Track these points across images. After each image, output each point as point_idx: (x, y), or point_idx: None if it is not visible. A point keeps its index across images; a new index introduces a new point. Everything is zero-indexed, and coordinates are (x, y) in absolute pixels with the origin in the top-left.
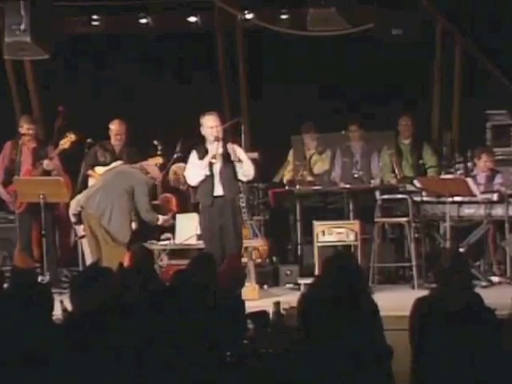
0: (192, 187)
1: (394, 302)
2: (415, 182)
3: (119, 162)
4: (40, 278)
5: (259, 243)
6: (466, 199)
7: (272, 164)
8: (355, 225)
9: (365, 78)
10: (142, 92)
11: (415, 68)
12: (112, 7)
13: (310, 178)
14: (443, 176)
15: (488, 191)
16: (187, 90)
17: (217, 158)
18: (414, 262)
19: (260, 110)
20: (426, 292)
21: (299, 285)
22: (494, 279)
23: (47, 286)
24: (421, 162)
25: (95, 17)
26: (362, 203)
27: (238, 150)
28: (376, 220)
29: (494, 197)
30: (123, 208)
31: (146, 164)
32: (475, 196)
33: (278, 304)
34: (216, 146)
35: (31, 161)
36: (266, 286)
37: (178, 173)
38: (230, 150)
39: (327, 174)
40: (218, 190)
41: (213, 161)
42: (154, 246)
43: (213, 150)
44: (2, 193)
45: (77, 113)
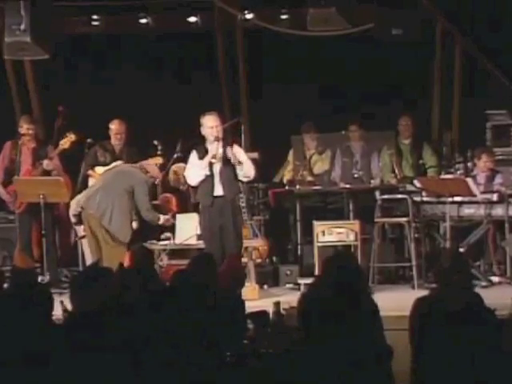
0: (192, 187)
1: (394, 302)
2: (415, 182)
3: (119, 162)
4: (40, 278)
5: (259, 243)
6: (466, 199)
7: (272, 164)
8: (355, 225)
9: (365, 78)
10: (141, 92)
11: (415, 68)
12: (112, 7)
13: (309, 178)
14: (443, 176)
15: (488, 191)
16: (187, 90)
17: (217, 158)
18: (414, 262)
19: (260, 109)
20: (426, 292)
21: (299, 285)
22: (494, 279)
23: (47, 286)
24: (421, 162)
25: (95, 17)
26: (362, 203)
27: (237, 151)
28: (376, 220)
29: (494, 197)
30: (124, 208)
31: (146, 163)
32: (475, 196)
33: (278, 304)
34: (216, 146)
35: (31, 161)
36: (265, 286)
37: (178, 173)
38: (229, 155)
39: (327, 174)
40: (218, 190)
41: (213, 161)
42: (154, 246)
43: (213, 150)
44: (1, 193)
45: (77, 113)
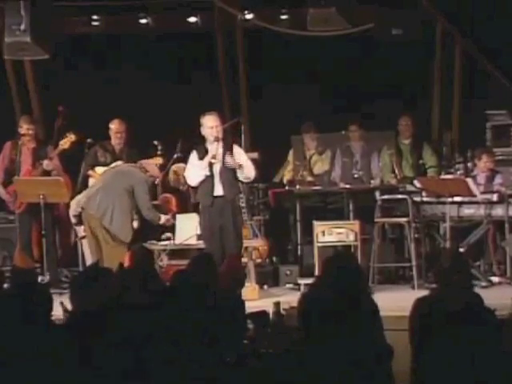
0: (192, 187)
1: (394, 302)
2: (415, 182)
3: (119, 163)
4: (40, 278)
5: (259, 243)
6: (466, 199)
7: (272, 164)
8: (355, 225)
9: (365, 78)
10: (141, 92)
11: (415, 68)
12: (112, 7)
13: (310, 178)
14: (443, 176)
15: (488, 191)
16: (187, 90)
17: (216, 159)
18: (414, 262)
19: (260, 109)
20: (426, 292)
21: (299, 285)
22: (494, 279)
23: (46, 287)
24: (421, 162)
25: (95, 17)
26: (361, 203)
27: (237, 152)
28: (376, 220)
29: (494, 197)
30: (124, 207)
31: (145, 162)
32: (475, 196)
33: (278, 304)
34: (216, 147)
35: (31, 161)
36: (265, 286)
37: (178, 173)
38: (228, 161)
39: (327, 174)
40: (218, 190)
41: (213, 161)
42: (154, 246)
43: (212, 150)
44: (1, 193)
45: (77, 113)
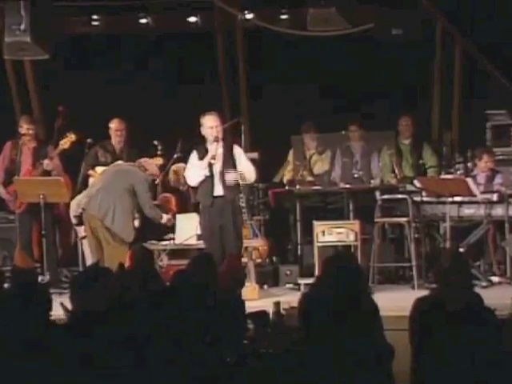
0: (192, 187)
1: (394, 302)
2: (415, 182)
3: (119, 162)
4: (40, 278)
5: (259, 243)
6: (466, 199)
7: (272, 164)
8: (355, 225)
9: (365, 78)
10: (141, 92)
11: (415, 68)
12: (112, 7)
13: (310, 178)
14: (443, 176)
15: (488, 191)
16: (187, 90)
17: (216, 159)
18: (414, 262)
19: (260, 109)
20: (426, 292)
21: (299, 285)
22: (494, 279)
23: (46, 286)
24: (421, 162)
25: (95, 17)
26: (362, 203)
27: (238, 152)
28: (376, 220)
29: (494, 197)
30: (125, 207)
31: (144, 161)
32: (475, 196)
33: (278, 304)
34: (215, 147)
35: (31, 161)
36: (265, 286)
37: (178, 173)
38: (230, 180)
39: (327, 174)
40: (218, 190)
41: (212, 161)
42: (154, 246)
43: (212, 150)
44: (2, 192)
45: (77, 113)
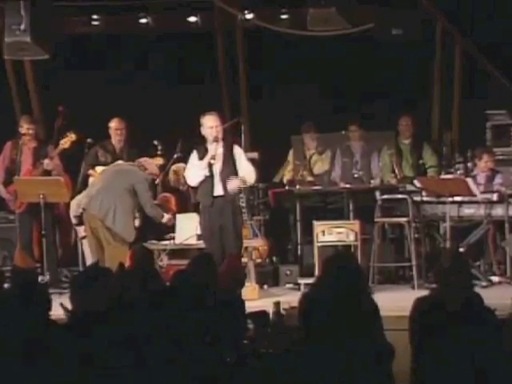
0: (192, 187)
1: (394, 302)
2: (415, 182)
3: (119, 162)
4: (40, 278)
5: (259, 243)
6: (466, 199)
7: (272, 164)
8: (355, 225)
9: (365, 78)
10: (141, 92)
11: (415, 68)
12: (112, 7)
13: (309, 178)
14: (443, 176)
15: (488, 191)
16: (187, 90)
17: (216, 159)
18: (414, 262)
19: (260, 109)
20: (426, 292)
21: (299, 285)
22: (494, 279)
23: (45, 286)
24: (421, 162)
25: (95, 17)
26: (361, 203)
27: (238, 152)
28: (376, 220)
29: (494, 197)
30: (126, 207)
31: (144, 160)
32: (475, 196)
33: (278, 304)
34: (215, 147)
35: (32, 161)
36: (265, 286)
37: (178, 173)
38: (232, 188)
39: (327, 174)
40: (218, 190)
41: (212, 161)
42: (154, 246)
43: (212, 150)
44: (2, 192)
45: (77, 113)
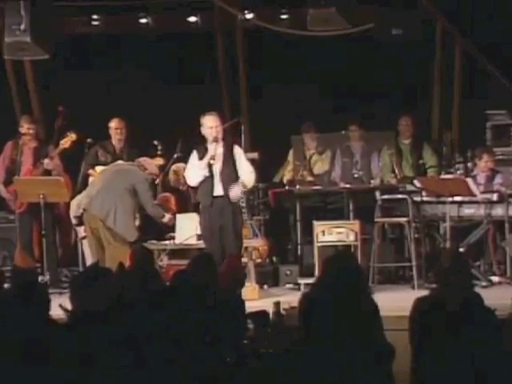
0: (192, 187)
1: (394, 302)
2: (415, 182)
3: (119, 162)
4: (40, 278)
5: (259, 243)
6: (466, 199)
7: (272, 164)
8: (355, 225)
9: (365, 78)
10: (141, 92)
11: (415, 68)
12: (112, 7)
13: (310, 178)
14: (443, 176)
15: (488, 191)
16: (187, 90)
17: (216, 159)
18: (414, 262)
19: (260, 109)
20: (426, 292)
21: (299, 285)
22: (494, 279)
23: (44, 286)
24: (421, 162)
25: (95, 17)
26: (362, 203)
27: (238, 152)
28: (376, 220)
29: (494, 197)
30: (127, 207)
31: (144, 160)
32: (475, 196)
33: (278, 304)
34: (214, 147)
35: (32, 160)
36: (265, 286)
37: (178, 173)
38: (234, 196)
39: (327, 174)
40: (218, 190)
41: (211, 162)
42: (154, 246)
43: (211, 150)
44: (2, 191)
45: (77, 113)
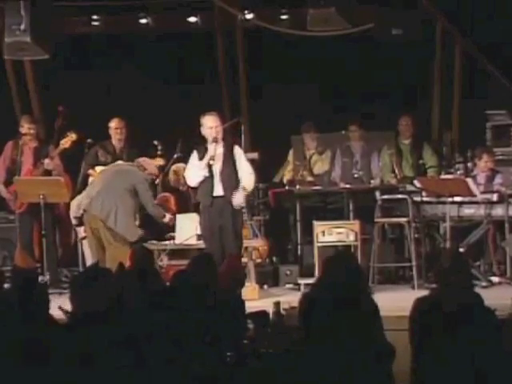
0: (192, 187)
1: (394, 302)
2: (415, 182)
3: (119, 162)
4: (40, 278)
5: (259, 243)
6: (466, 199)
7: (272, 164)
8: (355, 225)
9: (365, 78)
10: (141, 92)
11: (415, 68)
12: (112, 7)
13: (309, 178)
14: (443, 176)
15: (488, 191)
16: (187, 90)
17: (216, 159)
18: (414, 262)
19: (260, 109)
20: (426, 292)
21: (299, 285)
22: (494, 279)
23: (44, 286)
24: (421, 162)
25: (95, 17)
26: (361, 203)
27: (238, 152)
28: (376, 220)
29: (494, 197)
30: (127, 207)
31: (143, 160)
32: (475, 196)
33: (278, 304)
34: (214, 147)
35: (32, 160)
36: (265, 286)
37: (178, 173)
38: (237, 204)
39: (327, 174)
40: (218, 190)
41: (211, 162)
42: (154, 246)
43: (211, 151)
44: (3, 191)
45: (77, 113)
